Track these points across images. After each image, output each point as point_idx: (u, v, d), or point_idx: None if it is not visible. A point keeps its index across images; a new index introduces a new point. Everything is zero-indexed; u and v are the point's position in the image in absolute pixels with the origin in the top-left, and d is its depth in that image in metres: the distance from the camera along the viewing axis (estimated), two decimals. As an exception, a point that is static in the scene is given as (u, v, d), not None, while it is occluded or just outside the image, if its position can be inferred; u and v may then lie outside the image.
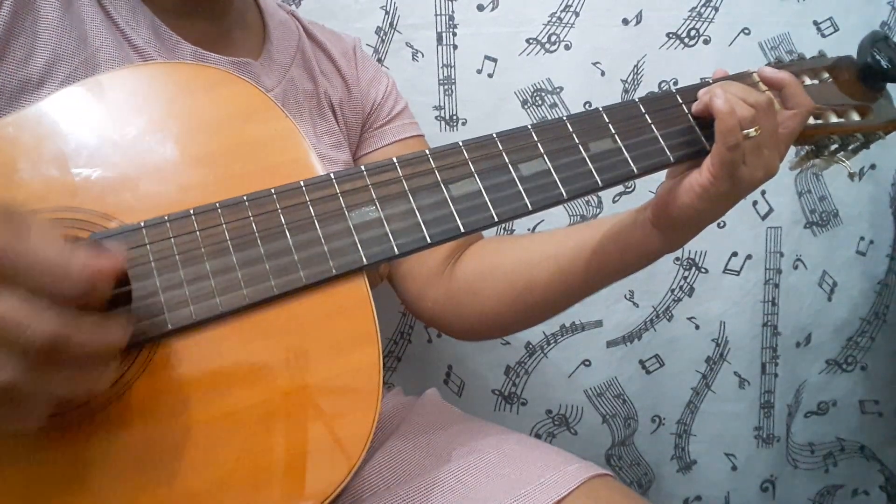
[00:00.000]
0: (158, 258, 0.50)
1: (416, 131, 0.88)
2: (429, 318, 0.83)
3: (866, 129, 0.67)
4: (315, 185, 0.55)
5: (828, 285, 1.21)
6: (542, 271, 0.73)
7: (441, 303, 0.79)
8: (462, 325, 0.80)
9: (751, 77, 0.67)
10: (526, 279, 0.74)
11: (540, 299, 0.74)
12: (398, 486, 0.66)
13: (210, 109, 0.58)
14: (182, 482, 0.48)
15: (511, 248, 0.78)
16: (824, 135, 0.67)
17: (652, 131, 0.62)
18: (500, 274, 0.76)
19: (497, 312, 0.76)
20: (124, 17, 0.66)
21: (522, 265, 0.74)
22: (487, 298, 0.76)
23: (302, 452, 0.50)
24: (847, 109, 0.67)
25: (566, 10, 1.05)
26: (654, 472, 1.24)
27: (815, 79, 0.68)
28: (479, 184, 0.58)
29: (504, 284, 0.75)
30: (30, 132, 0.54)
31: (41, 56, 0.60)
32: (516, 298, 0.75)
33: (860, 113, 0.67)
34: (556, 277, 0.72)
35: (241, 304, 0.51)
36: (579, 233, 0.72)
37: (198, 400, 0.50)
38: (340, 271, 0.53)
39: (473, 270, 0.78)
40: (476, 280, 0.77)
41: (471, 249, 0.80)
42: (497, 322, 0.78)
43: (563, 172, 0.59)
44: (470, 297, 0.77)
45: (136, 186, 0.53)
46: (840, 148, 0.68)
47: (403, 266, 0.81)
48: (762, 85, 0.65)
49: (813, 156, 0.70)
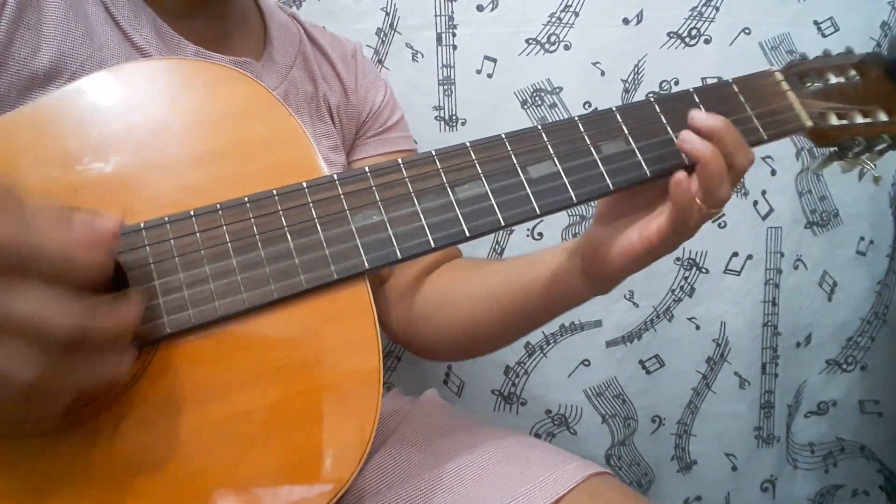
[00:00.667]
0: (158, 260, 0.50)
1: (408, 145, 0.89)
2: (392, 335, 0.84)
3: (894, 129, 0.65)
4: (318, 187, 0.54)
5: (828, 285, 1.21)
6: (484, 309, 0.73)
7: (402, 324, 0.81)
8: (420, 348, 0.82)
9: (773, 76, 0.65)
10: (468, 314, 0.75)
11: (482, 333, 0.75)
12: (398, 486, 0.66)
13: (213, 106, 0.57)
14: (180, 486, 0.48)
15: (464, 282, 0.78)
16: (849, 136, 0.65)
17: (667, 132, 0.60)
18: (450, 306, 0.77)
19: (446, 341, 0.78)
20: (126, 17, 0.65)
21: (468, 300, 0.75)
22: (438, 327, 0.78)
23: (301, 458, 0.50)
24: (874, 109, 0.65)
25: (566, 10, 1.05)
26: (654, 472, 1.24)
27: (842, 76, 0.66)
28: (486, 186, 0.56)
29: (451, 317, 0.76)
30: (32, 130, 0.53)
31: (47, 52, 0.60)
32: (462, 332, 0.76)
33: (888, 112, 0.64)
34: (497, 318, 0.73)
35: (240, 309, 0.50)
36: (520, 273, 0.72)
37: (196, 404, 0.49)
38: (342, 276, 0.52)
39: (431, 297, 0.79)
40: (431, 308, 0.79)
41: (434, 274, 0.81)
42: (447, 349, 0.80)
43: (574, 175, 0.57)
44: (424, 323, 0.79)
45: (138, 185, 0.53)
46: (865, 149, 0.66)
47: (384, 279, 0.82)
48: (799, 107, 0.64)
49: (837, 157, 0.67)
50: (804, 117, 0.64)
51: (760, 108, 0.63)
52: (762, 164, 1.12)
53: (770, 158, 1.12)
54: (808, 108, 0.64)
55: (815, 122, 0.64)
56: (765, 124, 0.63)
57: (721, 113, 0.60)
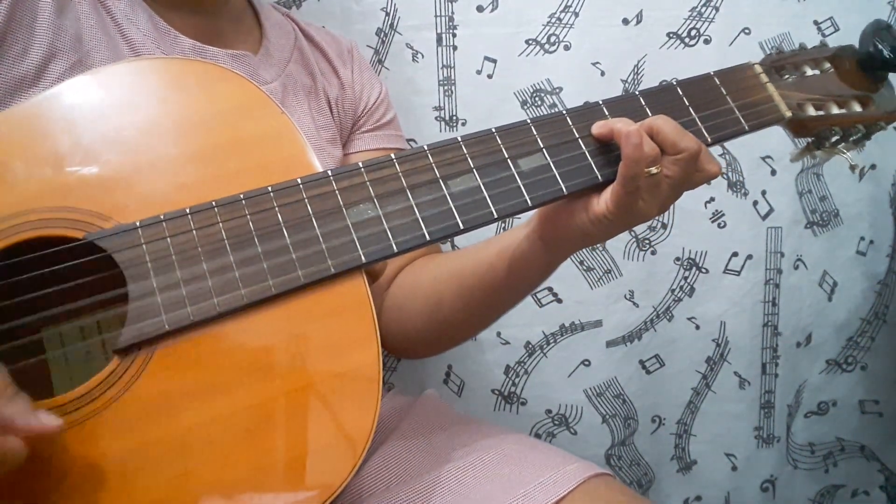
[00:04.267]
0: (155, 258, 0.50)
1: (400, 143, 0.89)
2: None
3: (868, 119, 0.66)
4: (312, 183, 0.55)
5: (828, 285, 1.21)
6: (449, 290, 0.74)
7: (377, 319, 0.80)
8: (392, 342, 0.81)
9: (752, 69, 0.67)
10: (436, 297, 0.75)
11: (448, 316, 0.75)
12: (397, 487, 0.67)
13: (205, 105, 0.57)
14: (183, 483, 0.48)
15: (431, 267, 0.78)
16: (825, 126, 0.67)
17: None
18: (420, 291, 0.77)
19: (416, 330, 0.78)
20: (122, 10, 0.66)
21: (433, 282, 0.76)
22: (409, 316, 0.77)
23: (303, 452, 0.50)
24: (848, 100, 0.66)
25: (566, 11, 1.05)
26: (654, 472, 1.24)
27: (817, 69, 0.68)
28: (479, 180, 0.57)
29: (421, 302, 0.76)
30: (23, 130, 0.53)
31: (37, 52, 0.60)
32: (430, 316, 0.76)
33: (861, 103, 0.66)
34: (457, 294, 0.73)
35: (238, 305, 0.51)
36: (480, 250, 0.72)
37: (196, 401, 0.49)
38: (339, 270, 0.53)
39: (401, 287, 0.79)
40: (401, 296, 0.79)
41: (408, 266, 0.81)
42: (419, 337, 0.79)
43: (563, 167, 0.59)
44: (396, 314, 0.78)
45: (131, 184, 0.53)
46: (841, 139, 0.68)
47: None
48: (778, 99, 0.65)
49: (814, 147, 0.69)
50: (783, 108, 0.66)
51: (741, 99, 0.65)
52: (762, 164, 1.12)
53: (770, 158, 1.12)
54: (786, 100, 0.66)
55: (793, 112, 0.66)
56: (746, 115, 0.65)
57: (703, 104, 0.63)
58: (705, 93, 0.64)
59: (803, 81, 0.67)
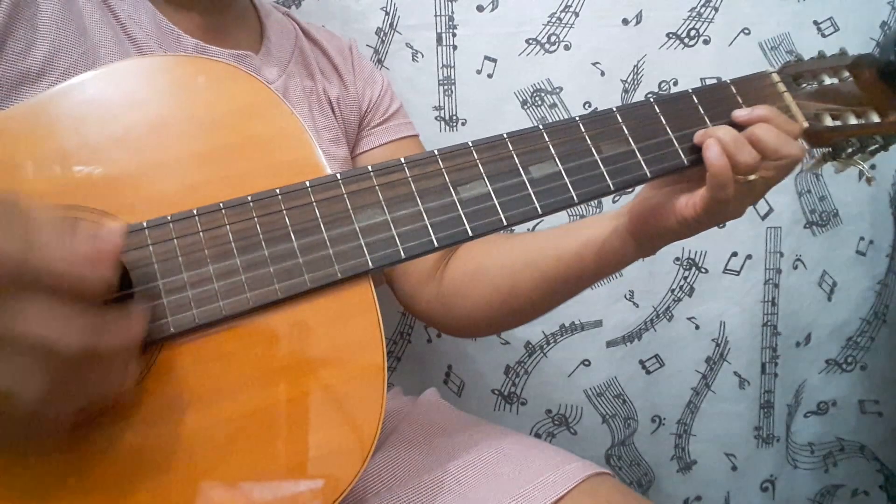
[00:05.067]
0: (161, 260, 0.50)
1: (411, 131, 0.89)
2: (423, 317, 0.84)
3: (886, 129, 0.65)
4: (321, 186, 0.54)
5: (828, 285, 1.21)
6: (525, 278, 0.73)
7: (433, 304, 0.80)
8: (454, 325, 0.82)
9: (769, 77, 0.66)
10: (510, 285, 0.74)
11: (525, 303, 0.75)
12: (398, 487, 0.67)
13: (214, 105, 0.57)
14: (186, 485, 0.48)
15: (496, 254, 0.78)
16: (843, 137, 0.65)
17: (667, 133, 0.60)
18: (486, 279, 0.76)
19: (485, 314, 0.77)
20: (125, 9, 0.66)
21: (506, 271, 0.75)
22: (475, 301, 0.77)
23: (305, 458, 0.50)
24: (867, 110, 0.65)
25: (566, 11, 1.05)
26: (654, 472, 1.24)
27: (835, 77, 0.66)
28: (489, 186, 0.57)
29: (490, 289, 0.76)
30: (30, 128, 0.53)
31: (41, 48, 0.59)
32: (502, 303, 0.75)
33: (880, 113, 0.65)
34: (539, 284, 0.73)
35: (244, 308, 0.50)
36: (560, 240, 0.72)
37: (200, 404, 0.49)
38: (346, 275, 0.52)
39: (463, 273, 0.79)
40: (464, 284, 0.78)
41: (459, 251, 0.81)
42: (486, 322, 0.79)
43: (575, 175, 0.58)
44: (459, 300, 0.78)
45: (138, 184, 0.53)
46: (858, 150, 0.66)
47: (399, 266, 0.81)
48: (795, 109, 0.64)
49: (830, 158, 0.68)
50: (800, 118, 0.64)
51: None
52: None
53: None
54: (803, 110, 0.65)
55: (810, 123, 0.64)
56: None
57: (719, 113, 0.62)
58: (721, 101, 0.63)
59: (821, 90, 0.66)
